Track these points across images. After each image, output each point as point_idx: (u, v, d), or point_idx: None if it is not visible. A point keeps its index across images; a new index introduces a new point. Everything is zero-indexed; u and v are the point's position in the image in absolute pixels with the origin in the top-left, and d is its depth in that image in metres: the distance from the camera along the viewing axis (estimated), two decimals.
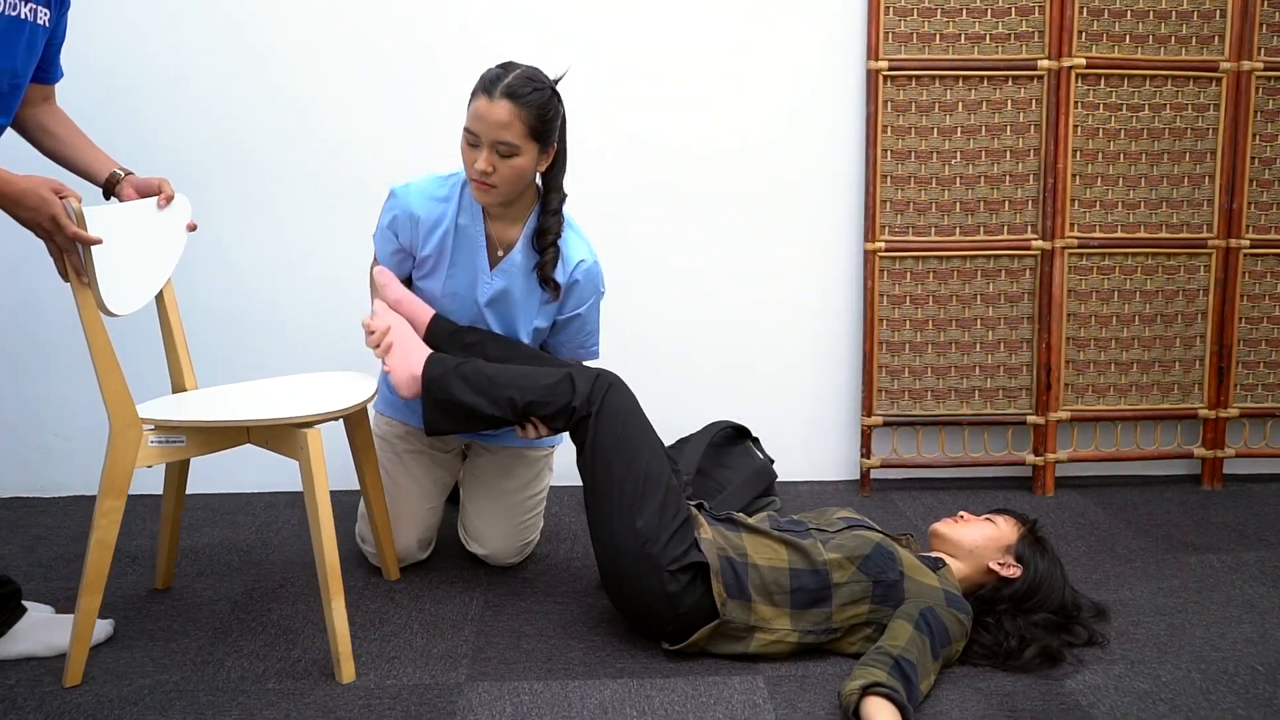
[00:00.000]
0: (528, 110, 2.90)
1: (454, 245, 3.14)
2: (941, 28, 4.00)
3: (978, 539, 2.89)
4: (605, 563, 2.84)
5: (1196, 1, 4.03)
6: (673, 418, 3.92)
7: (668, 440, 3.82)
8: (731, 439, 3.88)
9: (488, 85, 2.91)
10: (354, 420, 3.10)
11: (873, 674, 2.43)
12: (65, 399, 4.02)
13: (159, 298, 2.98)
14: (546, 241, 3.11)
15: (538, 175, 3.10)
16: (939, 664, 2.61)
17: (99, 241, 2.54)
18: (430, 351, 2.99)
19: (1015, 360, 4.17)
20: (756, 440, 3.92)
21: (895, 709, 2.36)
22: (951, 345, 4.14)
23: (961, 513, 3.01)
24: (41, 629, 2.81)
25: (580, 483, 2.90)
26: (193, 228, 2.95)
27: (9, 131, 2.81)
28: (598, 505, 2.81)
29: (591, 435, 2.81)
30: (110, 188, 2.88)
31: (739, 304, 4.19)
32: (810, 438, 4.28)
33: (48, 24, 2.74)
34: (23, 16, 2.62)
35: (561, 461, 3.61)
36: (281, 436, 2.73)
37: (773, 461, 3.85)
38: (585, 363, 3.34)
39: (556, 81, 3.03)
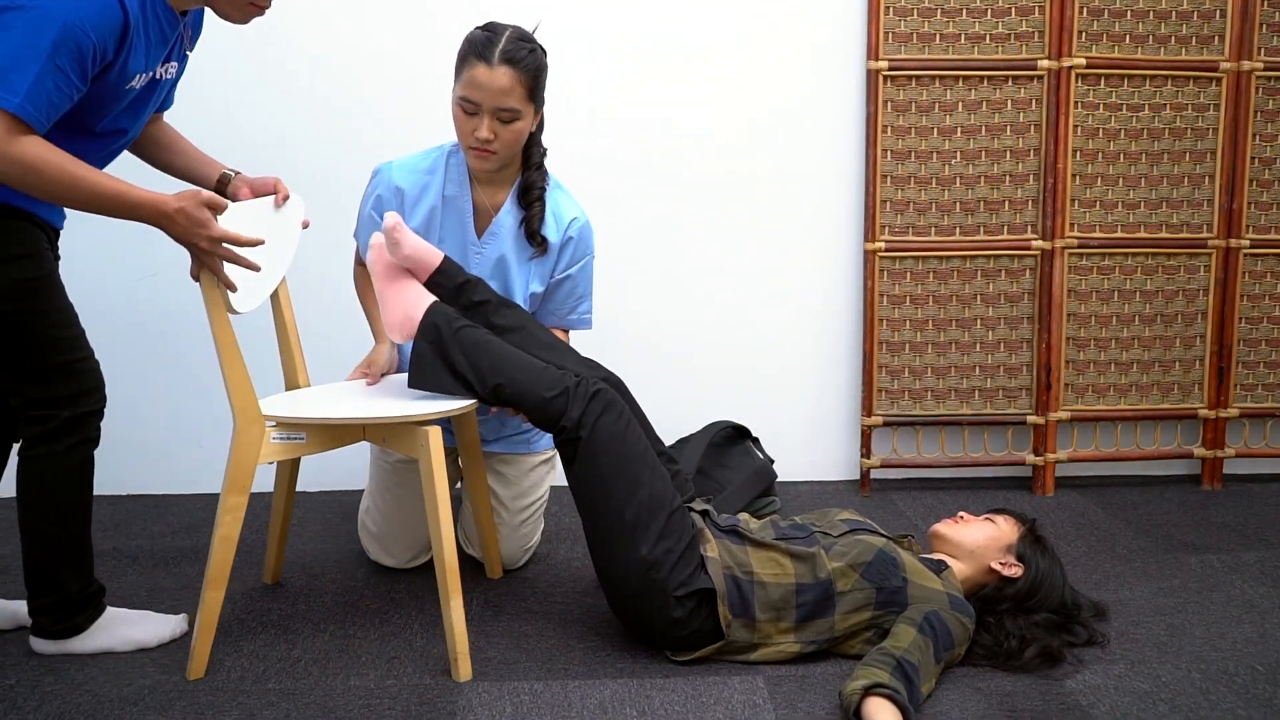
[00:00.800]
0: (526, 74, 2.91)
1: (442, 218, 3.13)
2: (941, 28, 4.00)
3: (979, 539, 2.88)
4: (609, 587, 2.82)
5: (1196, 1, 4.03)
6: (673, 418, 3.92)
7: (667, 440, 3.82)
8: (731, 439, 3.88)
9: (482, 51, 2.88)
10: (463, 420, 3.13)
11: (875, 674, 2.42)
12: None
13: (274, 296, 2.99)
14: (532, 197, 3.11)
15: None
16: (940, 666, 2.60)
17: (261, 242, 2.60)
18: (433, 299, 2.86)
19: (1015, 360, 4.17)
20: (756, 440, 3.92)
21: (897, 710, 2.36)
22: (951, 345, 4.14)
23: (961, 513, 3.00)
24: (122, 624, 2.84)
25: None
26: (306, 225, 2.95)
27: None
28: (597, 532, 2.77)
29: (585, 460, 2.73)
30: (221, 189, 2.89)
31: (739, 304, 4.19)
32: (810, 438, 4.28)
33: (176, 75, 2.79)
34: (158, 77, 2.69)
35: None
36: (399, 434, 2.75)
37: (773, 461, 3.85)
38: (579, 332, 3.33)
39: (533, 32, 3.03)
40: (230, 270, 2.60)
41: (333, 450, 2.85)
